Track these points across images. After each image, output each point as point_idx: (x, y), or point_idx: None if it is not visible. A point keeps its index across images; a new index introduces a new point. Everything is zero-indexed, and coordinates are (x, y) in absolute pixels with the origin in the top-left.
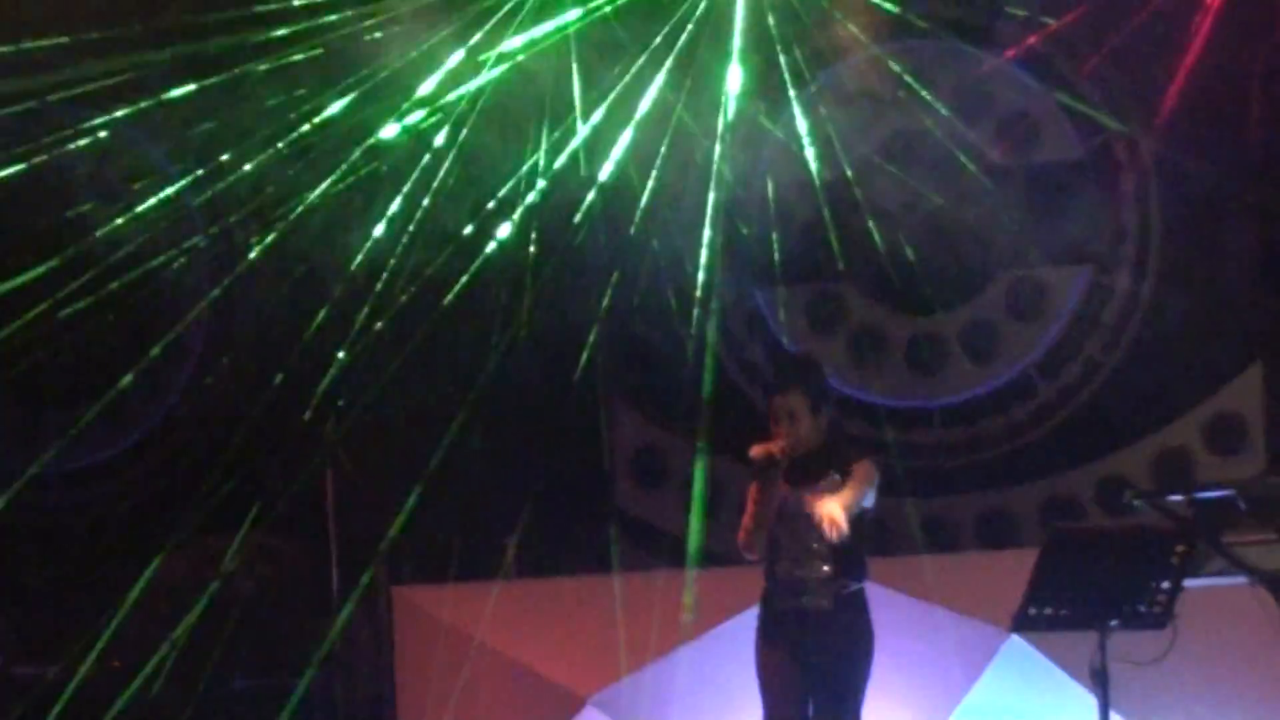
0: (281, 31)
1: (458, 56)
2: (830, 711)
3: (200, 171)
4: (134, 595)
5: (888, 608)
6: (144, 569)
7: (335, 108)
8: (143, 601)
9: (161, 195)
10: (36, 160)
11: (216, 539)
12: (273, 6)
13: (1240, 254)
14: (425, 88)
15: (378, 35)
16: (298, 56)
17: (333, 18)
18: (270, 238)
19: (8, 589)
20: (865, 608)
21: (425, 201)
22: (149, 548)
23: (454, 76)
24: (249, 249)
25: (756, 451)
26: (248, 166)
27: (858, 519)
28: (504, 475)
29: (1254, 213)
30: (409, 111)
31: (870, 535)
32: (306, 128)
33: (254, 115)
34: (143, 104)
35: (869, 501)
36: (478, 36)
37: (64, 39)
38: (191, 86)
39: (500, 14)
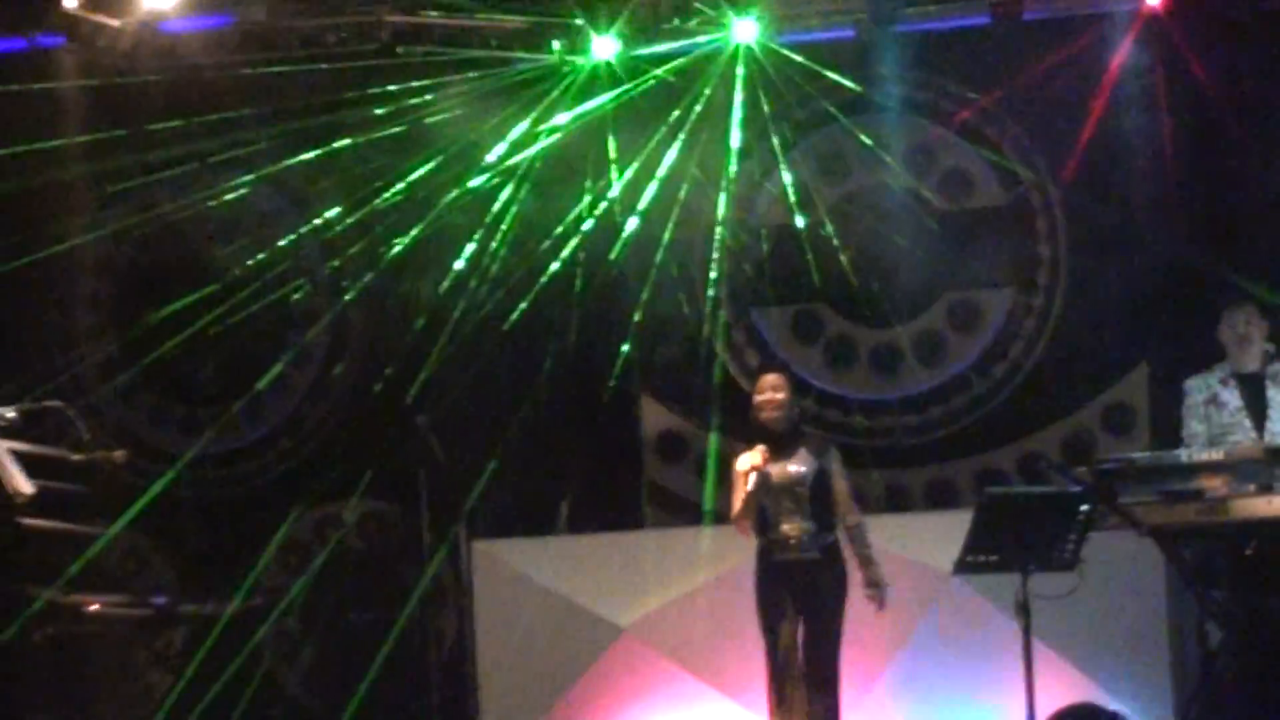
0: (379, 111)
1: (518, 129)
2: (819, 641)
3: (318, 220)
4: (270, 549)
5: (856, 557)
6: (278, 529)
7: (422, 170)
8: (277, 554)
9: (289, 237)
10: (200, 207)
11: (334, 505)
12: (371, 91)
13: (1128, 277)
14: (492, 155)
15: (456, 113)
16: (392, 130)
17: (417, 100)
18: (371, 275)
19: (174, 546)
20: (842, 554)
21: (493, 243)
22: (282, 513)
23: (515, 145)
24: (357, 280)
25: (745, 466)
26: (352, 218)
27: (823, 487)
28: (557, 453)
29: (1137, 245)
30: (481, 173)
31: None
32: (400, 185)
33: (359, 175)
34: (273, 167)
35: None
36: (533, 114)
37: (223, 114)
38: (310, 154)
39: (550, 96)
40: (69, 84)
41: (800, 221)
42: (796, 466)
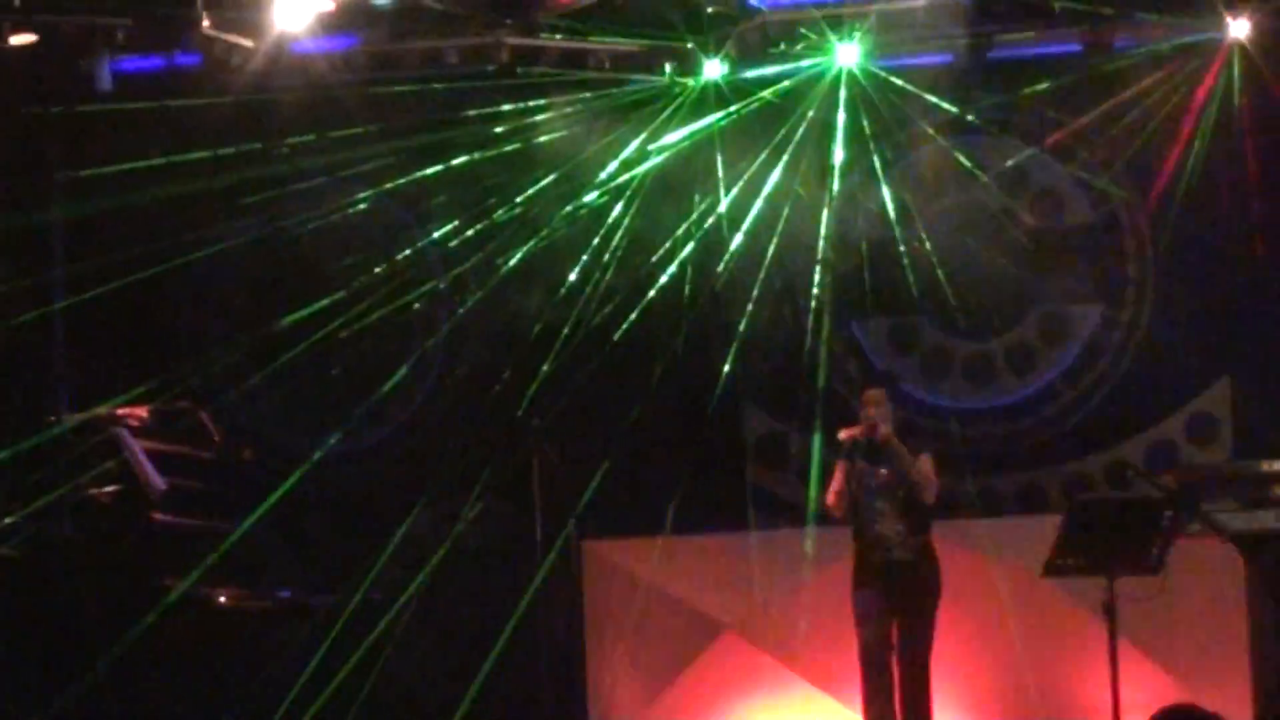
0: (497, 129)
1: (629, 148)
2: (912, 638)
3: (437, 233)
4: (391, 545)
5: (949, 559)
6: (399, 526)
7: (537, 186)
8: (396, 550)
9: (410, 249)
10: (327, 219)
11: (452, 504)
12: (490, 109)
13: (1212, 293)
14: (604, 173)
15: (571, 131)
16: (509, 147)
17: (539, 118)
18: (487, 286)
19: (302, 541)
20: (936, 555)
21: (604, 257)
22: (402, 511)
23: (625, 163)
24: (474, 291)
25: (844, 434)
26: (470, 231)
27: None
28: (666, 456)
29: (1221, 262)
30: (593, 190)
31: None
32: (516, 201)
33: (477, 191)
34: (395, 181)
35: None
36: (644, 133)
37: (349, 131)
38: (432, 169)
39: (661, 116)
40: (206, 100)
41: (899, 237)
42: (891, 471)
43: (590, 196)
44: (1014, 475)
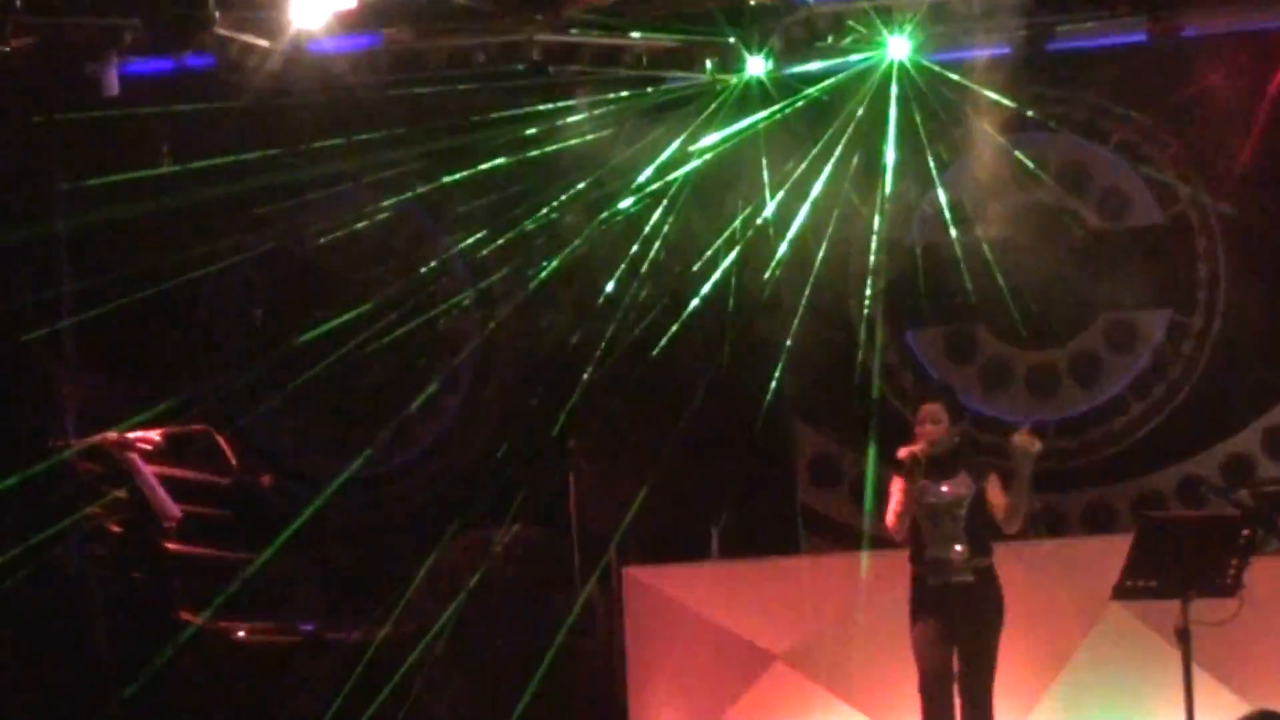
0: (528, 131)
1: (669, 149)
2: (974, 666)
3: (466, 241)
4: (420, 575)
5: (1011, 582)
6: (428, 555)
7: (571, 191)
8: (427, 580)
9: (437, 259)
10: (349, 228)
11: (484, 530)
12: (516, 112)
13: None
14: (642, 176)
15: (606, 133)
16: (541, 150)
17: (571, 119)
18: (519, 297)
19: (325, 571)
20: (997, 579)
21: (643, 266)
22: (431, 538)
23: (665, 166)
24: (506, 302)
25: (903, 452)
26: (501, 239)
27: (980, 509)
28: (711, 477)
29: None
30: (630, 194)
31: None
32: (549, 207)
33: (508, 197)
34: (422, 187)
35: (1011, 529)
36: (684, 133)
37: (371, 134)
38: (459, 175)
39: (702, 115)
40: (219, 104)
41: (955, 241)
42: (954, 489)
43: (626, 203)
44: (1080, 493)
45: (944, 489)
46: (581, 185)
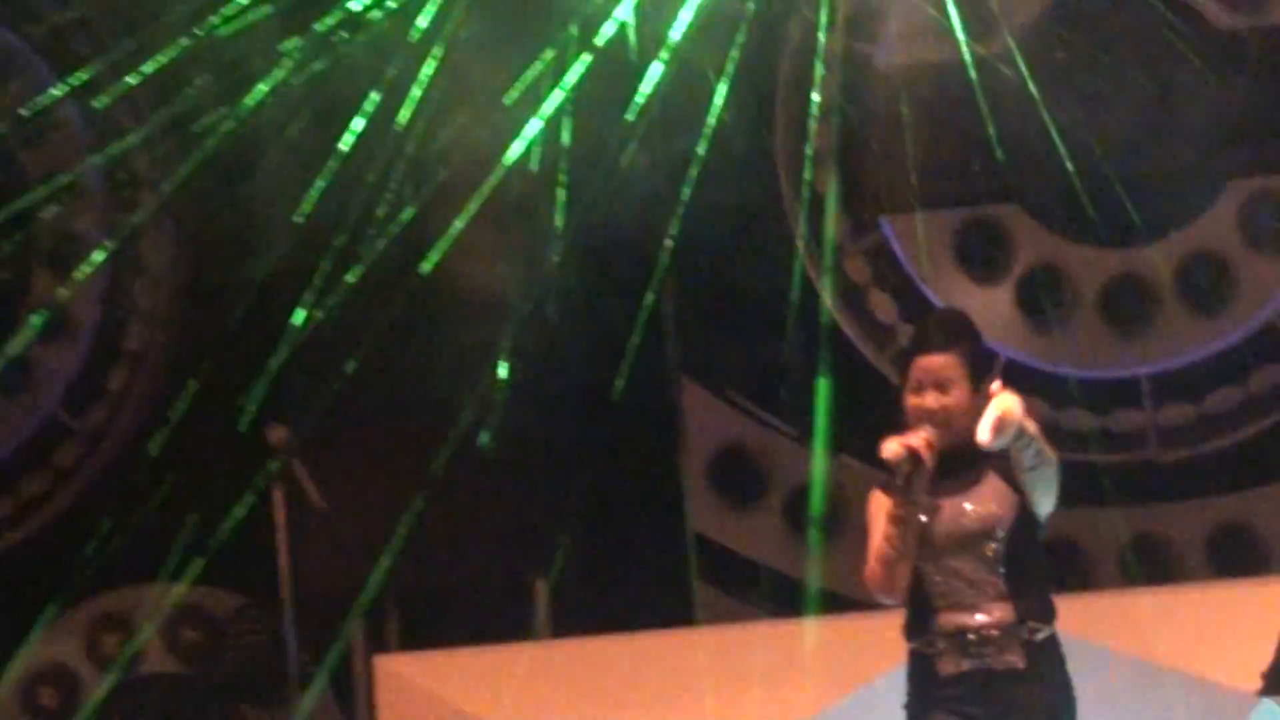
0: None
1: None
2: None
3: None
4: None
5: (1085, 667)
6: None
7: None
8: (18, 688)
9: None
10: None
11: (122, 596)
12: None
13: None
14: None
15: None
16: None
17: None
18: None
19: None
20: (1063, 660)
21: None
22: (26, 612)
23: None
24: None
25: (892, 450)
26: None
27: (1032, 532)
28: (531, 495)
29: None
30: None
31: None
32: None
33: None
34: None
35: (1045, 509)
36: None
37: None
38: None
39: None
40: None
41: (968, 58)
42: (980, 506)
43: None
44: (1202, 504)
45: (966, 507)
46: None
